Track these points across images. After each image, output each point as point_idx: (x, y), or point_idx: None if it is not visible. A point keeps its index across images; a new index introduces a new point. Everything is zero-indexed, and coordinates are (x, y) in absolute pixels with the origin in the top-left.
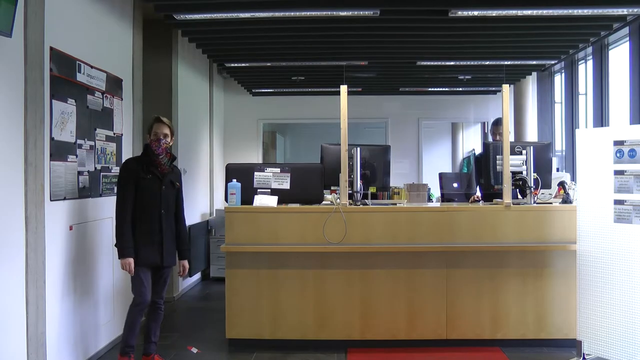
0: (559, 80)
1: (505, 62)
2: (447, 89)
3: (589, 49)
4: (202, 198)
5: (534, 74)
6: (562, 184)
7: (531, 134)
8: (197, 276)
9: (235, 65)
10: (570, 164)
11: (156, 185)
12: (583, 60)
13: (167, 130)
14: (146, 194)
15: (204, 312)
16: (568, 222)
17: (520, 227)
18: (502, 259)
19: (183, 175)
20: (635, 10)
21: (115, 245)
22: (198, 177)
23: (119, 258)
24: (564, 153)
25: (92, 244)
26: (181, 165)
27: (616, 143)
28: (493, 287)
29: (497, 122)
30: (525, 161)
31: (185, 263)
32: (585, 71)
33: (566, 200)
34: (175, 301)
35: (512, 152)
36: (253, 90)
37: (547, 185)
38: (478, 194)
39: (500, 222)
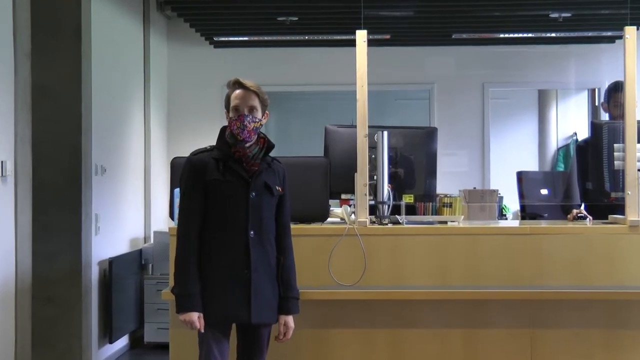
0: None
1: None
2: (530, 36)
3: None
4: (132, 214)
5: None
6: None
7: None
8: (122, 341)
9: None
10: None
11: (240, 191)
12: None
13: (254, 101)
14: (223, 205)
15: None
16: None
17: None
18: (625, 314)
19: (100, 175)
20: None
21: (172, 292)
22: (125, 180)
23: (177, 312)
24: None
25: None
26: (96, 161)
27: None
28: (609, 357)
29: (617, 89)
30: None
31: (290, 321)
32: None
33: None
34: None
35: None
36: (215, 39)
37: None
38: (582, 207)
39: (622, 253)
